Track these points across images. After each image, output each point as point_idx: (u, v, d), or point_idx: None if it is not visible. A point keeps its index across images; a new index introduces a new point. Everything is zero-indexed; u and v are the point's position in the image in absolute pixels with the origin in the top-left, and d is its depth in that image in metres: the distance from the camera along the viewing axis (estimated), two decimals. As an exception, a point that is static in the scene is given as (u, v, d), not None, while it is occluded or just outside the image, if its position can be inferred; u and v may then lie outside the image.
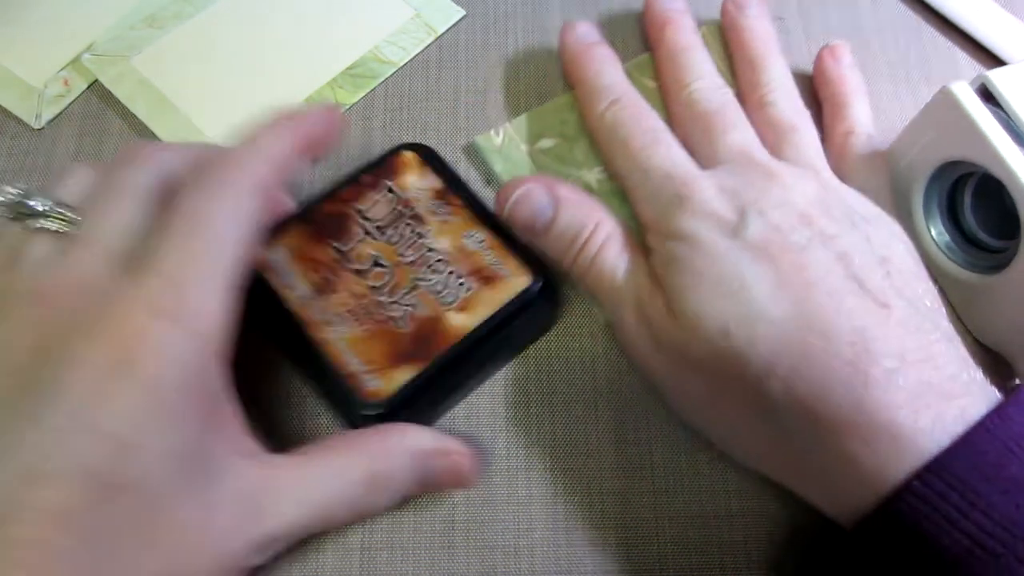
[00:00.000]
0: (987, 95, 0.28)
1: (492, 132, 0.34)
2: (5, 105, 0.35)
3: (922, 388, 0.22)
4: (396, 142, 0.34)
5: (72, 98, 0.35)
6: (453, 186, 0.29)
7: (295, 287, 0.27)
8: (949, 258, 0.30)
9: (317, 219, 0.28)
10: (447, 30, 0.37)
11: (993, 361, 0.30)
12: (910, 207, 0.31)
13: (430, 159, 0.30)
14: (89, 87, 0.35)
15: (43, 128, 0.35)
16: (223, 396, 0.22)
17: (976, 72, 0.34)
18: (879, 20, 0.38)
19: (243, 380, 0.23)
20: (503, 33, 0.37)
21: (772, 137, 0.30)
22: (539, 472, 0.28)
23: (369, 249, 0.28)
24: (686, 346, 0.25)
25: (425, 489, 0.26)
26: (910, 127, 0.30)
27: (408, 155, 0.30)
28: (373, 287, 0.27)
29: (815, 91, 0.34)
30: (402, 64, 0.36)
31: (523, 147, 0.34)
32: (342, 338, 0.26)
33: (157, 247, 0.21)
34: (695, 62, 0.32)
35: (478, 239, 0.29)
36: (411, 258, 0.28)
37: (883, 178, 0.30)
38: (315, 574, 0.26)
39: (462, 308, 0.27)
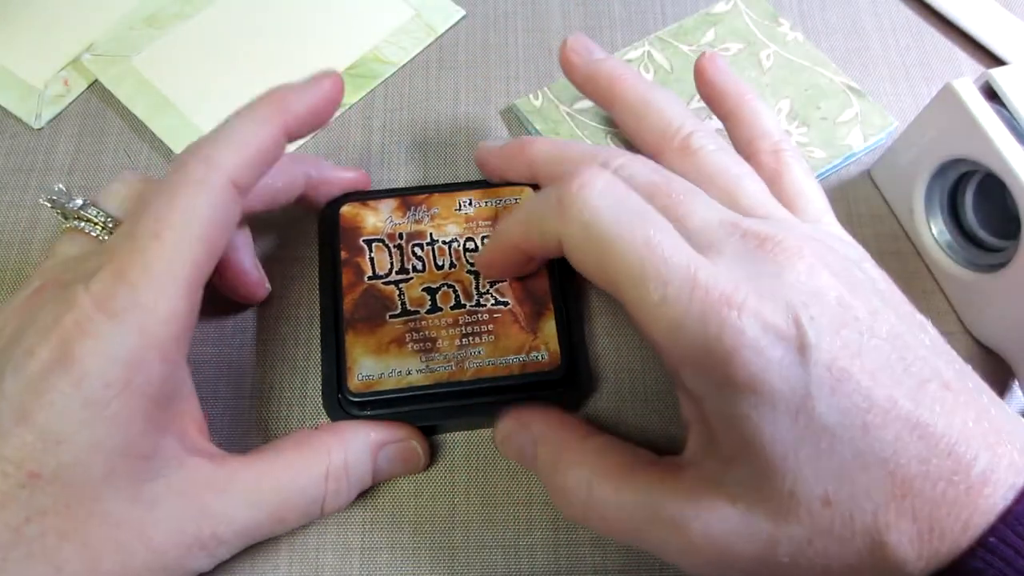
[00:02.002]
0: (991, 94, 0.28)
1: (530, 96, 0.35)
2: (5, 105, 0.35)
3: (1002, 460, 0.20)
4: (397, 141, 0.34)
5: (72, 98, 0.35)
6: (404, 194, 0.29)
7: (409, 370, 0.26)
8: (949, 256, 0.30)
9: (354, 316, 0.27)
10: (447, 30, 0.37)
11: (992, 361, 0.30)
12: (911, 204, 0.31)
13: (363, 196, 0.29)
14: (89, 87, 0.35)
15: (43, 128, 0.35)
16: (171, 393, 0.22)
17: (976, 72, 0.34)
18: (879, 20, 0.38)
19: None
20: (503, 33, 0.37)
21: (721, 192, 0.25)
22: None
23: (415, 290, 0.27)
24: (774, 539, 0.20)
25: (380, 478, 0.26)
26: (913, 124, 0.30)
27: (347, 208, 0.29)
28: (453, 307, 0.27)
29: (710, 105, 0.30)
30: (402, 64, 0.36)
31: (562, 108, 0.34)
32: (484, 359, 0.26)
33: (118, 247, 0.22)
34: (577, 146, 0.27)
35: (468, 201, 0.29)
36: (448, 262, 0.28)
37: (821, 191, 0.26)
38: (315, 574, 0.26)
39: None
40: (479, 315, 0.27)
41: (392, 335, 0.27)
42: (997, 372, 0.29)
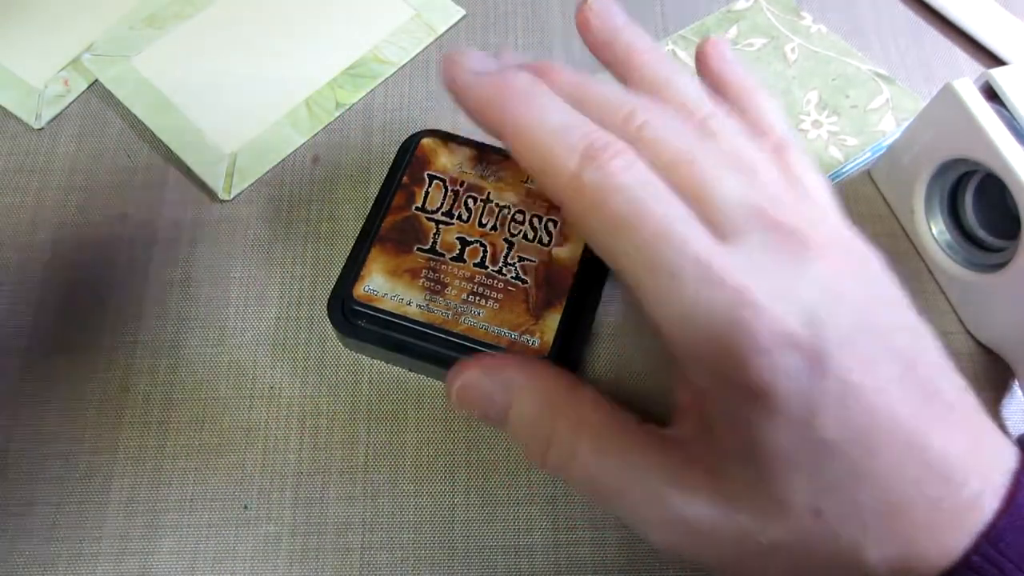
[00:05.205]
0: (991, 94, 0.28)
1: None
2: (5, 105, 0.35)
3: (988, 486, 0.19)
4: (397, 141, 0.34)
5: (72, 98, 0.35)
6: (484, 148, 0.30)
7: (410, 301, 0.27)
8: (949, 256, 0.30)
9: (387, 235, 0.28)
10: (447, 30, 0.37)
11: (992, 361, 0.30)
12: (911, 205, 0.31)
13: (447, 137, 0.30)
14: (89, 87, 0.35)
15: (43, 128, 0.35)
16: None
17: (976, 72, 0.34)
18: (879, 20, 0.38)
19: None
20: (503, 33, 0.37)
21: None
22: (539, 472, 0.28)
23: (451, 235, 0.28)
24: (752, 535, 0.20)
25: None
26: (913, 124, 0.30)
27: (428, 141, 0.30)
28: (476, 264, 0.28)
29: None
30: (402, 64, 0.36)
31: None
32: (480, 320, 0.27)
33: None
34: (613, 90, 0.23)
35: None
36: (491, 223, 0.29)
37: (831, 191, 0.24)
38: (315, 574, 0.26)
39: (562, 241, 0.28)
40: (495, 281, 0.27)
41: (411, 265, 0.28)
42: (997, 372, 0.29)
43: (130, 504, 0.27)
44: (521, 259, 0.28)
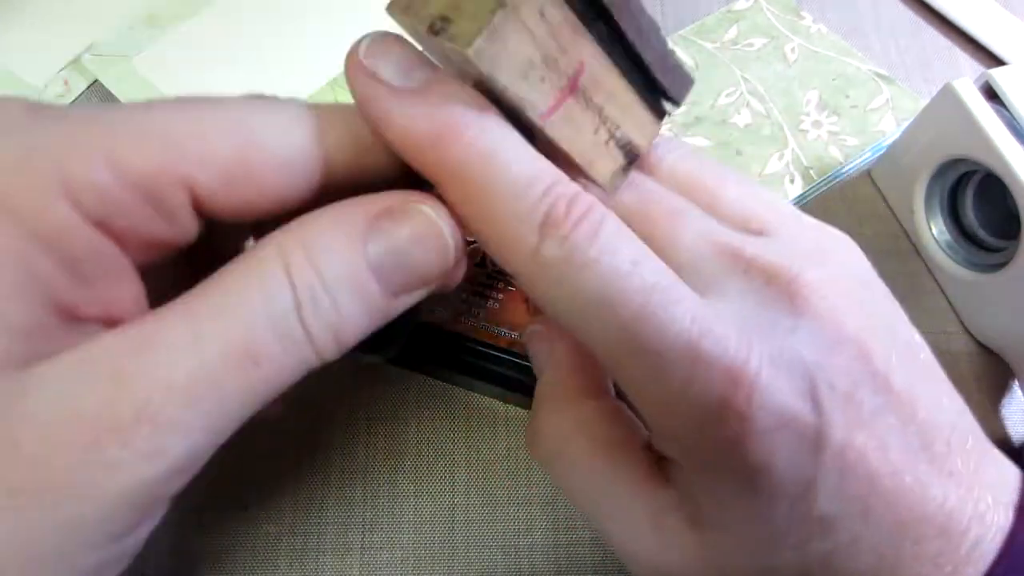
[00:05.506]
0: (991, 94, 0.28)
1: None
2: (5, 105, 0.35)
3: (990, 529, 0.18)
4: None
5: (72, 98, 0.35)
6: None
7: None
8: (949, 256, 0.30)
9: None
10: (447, 30, 0.37)
11: (992, 361, 0.30)
12: (911, 204, 0.31)
13: None
14: (89, 87, 0.35)
15: (43, 128, 0.35)
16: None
17: (976, 72, 0.35)
18: (879, 20, 0.38)
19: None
20: (503, 33, 0.37)
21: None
22: (539, 472, 0.28)
23: None
24: None
25: (388, 277, 0.17)
26: (913, 124, 0.30)
27: None
28: (476, 264, 0.28)
29: None
30: (402, 64, 0.36)
31: None
32: (480, 320, 0.27)
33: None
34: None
35: None
36: None
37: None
38: (314, 574, 0.26)
39: None
40: (495, 281, 0.28)
41: None
42: (997, 372, 0.29)
43: (130, 504, 0.27)
44: None
